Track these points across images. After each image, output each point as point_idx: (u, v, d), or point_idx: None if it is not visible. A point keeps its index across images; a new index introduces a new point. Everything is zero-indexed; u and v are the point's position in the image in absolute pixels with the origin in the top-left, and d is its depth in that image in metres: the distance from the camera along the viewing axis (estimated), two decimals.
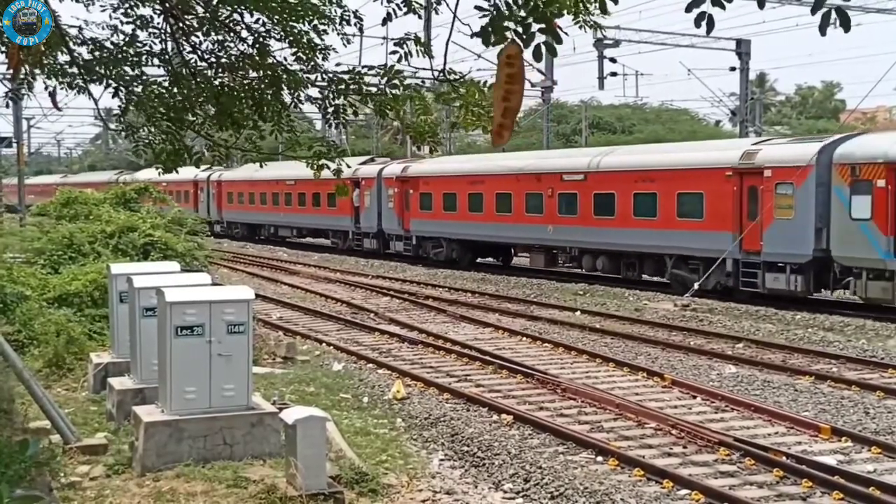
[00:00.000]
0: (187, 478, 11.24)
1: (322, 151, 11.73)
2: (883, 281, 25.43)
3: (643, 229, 31.94)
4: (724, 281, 29.62)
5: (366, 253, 48.23)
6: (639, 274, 33.41)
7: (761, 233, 28.20)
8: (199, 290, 12.93)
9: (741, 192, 28.90)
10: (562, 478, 12.41)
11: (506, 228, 38.20)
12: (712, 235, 29.54)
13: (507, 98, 6.94)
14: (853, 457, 13.66)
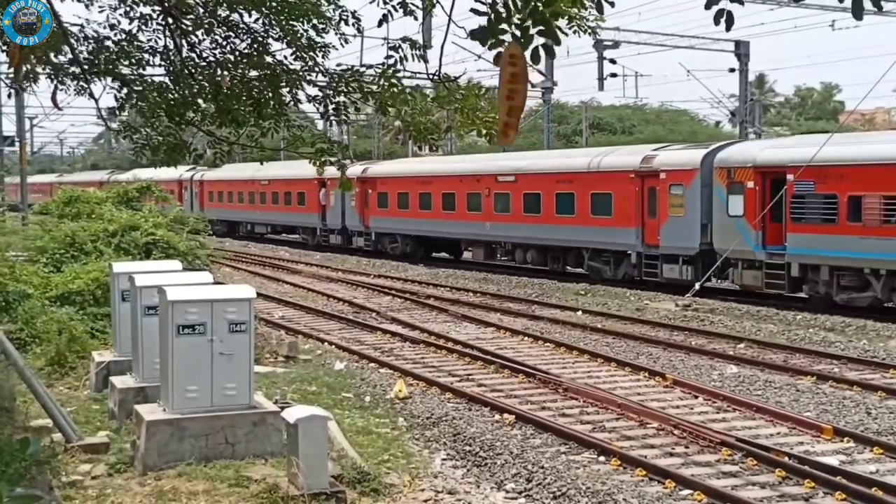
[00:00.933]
0: (189, 477, 11.24)
1: (325, 148, 11.75)
2: (754, 270, 28.84)
3: (564, 226, 35.23)
4: (630, 272, 33.03)
5: (332, 248, 51.34)
6: (563, 266, 36.52)
7: (659, 228, 31.51)
8: (200, 288, 12.93)
9: (642, 193, 32.14)
10: (564, 478, 12.39)
11: (451, 225, 41.54)
12: (620, 231, 32.93)
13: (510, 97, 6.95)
14: (855, 457, 13.65)
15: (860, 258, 25.88)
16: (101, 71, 11.65)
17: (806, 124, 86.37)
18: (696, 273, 30.21)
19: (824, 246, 26.64)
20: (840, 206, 26.34)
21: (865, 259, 25.80)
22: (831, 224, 26.55)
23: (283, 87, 11.22)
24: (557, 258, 36.62)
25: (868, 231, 25.62)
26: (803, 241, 27.19)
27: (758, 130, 55.76)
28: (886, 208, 25.33)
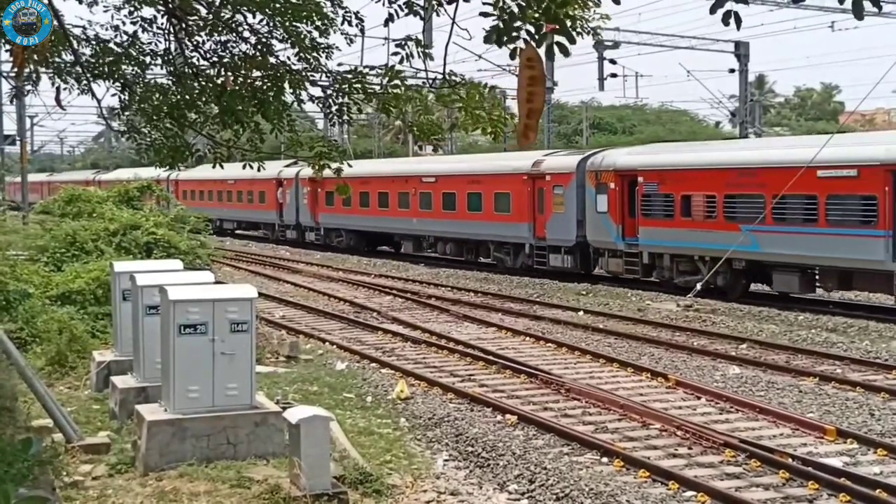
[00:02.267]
0: (190, 477, 11.20)
1: (324, 151, 11.72)
2: (617, 258, 33.54)
3: (474, 221, 39.90)
4: (526, 261, 37.47)
5: (289, 242, 55.44)
6: (476, 257, 40.99)
7: (545, 224, 36.20)
8: (202, 288, 12.89)
9: (534, 193, 36.76)
10: (567, 479, 12.35)
11: (386, 221, 46.11)
12: (516, 226, 37.53)
13: (530, 100, 6.98)
14: (859, 458, 13.61)
15: (691, 247, 30.76)
16: (103, 73, 11.62)
17: (806, 125, 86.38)
18: (575, 262, 35.37)
19: (666, 237, 31.46)
20: (676, 204, 31.03)
21: (695, 248, 30.59)
22: (670, 219, 31.26)
23: (287, 88, 11.18)
24: (471, 250, 41.19)
25: (696, 225, 30.41)
26: (651, 234, 31.88)
27: (758, 131, 55.78)
28: (708, 205, 30.06)
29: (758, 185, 28.48)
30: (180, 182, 65.57)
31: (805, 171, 26.56)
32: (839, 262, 26.59)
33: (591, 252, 34.95)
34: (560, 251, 35.65)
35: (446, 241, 42.02)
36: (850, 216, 26.16)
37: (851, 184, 26.05)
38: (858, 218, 25.92)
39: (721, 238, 29.14)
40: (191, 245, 26.14)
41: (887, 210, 25.02)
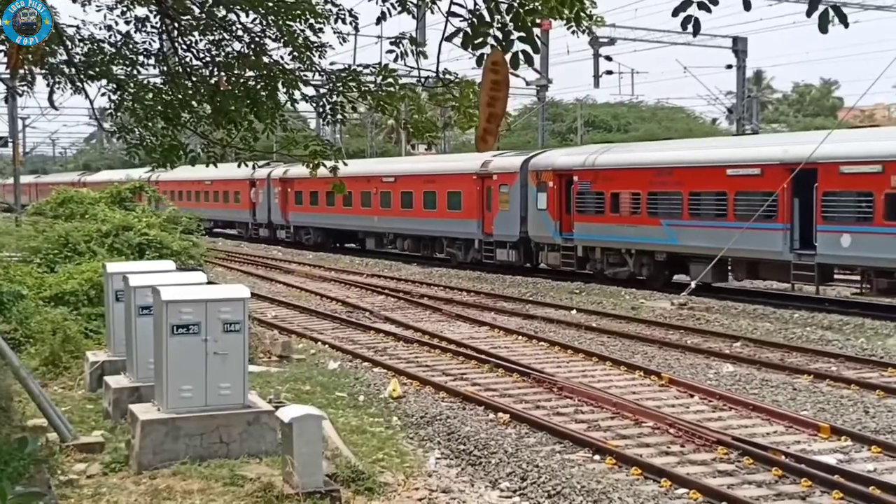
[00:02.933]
0: (184, 476, 11.20)
1: (318, 150, 11.74)
2: (555, 252, 36.01)
3: (430, 218, 42.35)
4: (475, 256, 39.93)
5: (261, 240, 57.97)
6: (432, 252, 43.36)
7: (493, 220, 38.62)
8: (194, 288, 12.90)
9: (482, 191, 39.23)
10: (559, 476, 12.37)
11: (350, 219, 48.54)
12: (467, 223, 40.07)
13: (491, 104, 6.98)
14: (853, 456, 13.63)
15: (619, 241, 33.47)
16: (96, 74, 11.62)
17: (804, 121, 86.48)
18: (519, 256, 37.86)
19: (597, 232, 34.13)
20: (606, 201, 33.59)
21: (622, 241, 33.32)
22: (601, 215, 33.82)
23: (280, 87, 11.19)
24: (427, 246, 43.63)
25: (623, 220, 32.96)
26: (584, 229, 34.50)
27: (755, 127, 55.78)
28: (633, 202, 32.56)
29: (676, 183, 31.08)
30: (160, 182, 66.35)
31: (716, 170, 29.77)
32: (746, 253, 29.09)
33: (532, 246, 37.38)
34: (506, 246, 38.24)
35: (405, 237, 44.84)
36: (754, 211, 28.24)
37: (756, 182, 28.72)
38: (761, 212, 28.07)
39: (645, 232, 32.16)
40: (183, 245, 26.11)
41: (785, 205, 27.65)
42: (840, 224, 26.41)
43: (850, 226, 26.19)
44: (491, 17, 6.98)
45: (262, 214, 57.37)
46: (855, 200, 26.21)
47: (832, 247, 26.54)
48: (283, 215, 54.95)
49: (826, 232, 26.74)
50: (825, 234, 26.78)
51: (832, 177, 26.66)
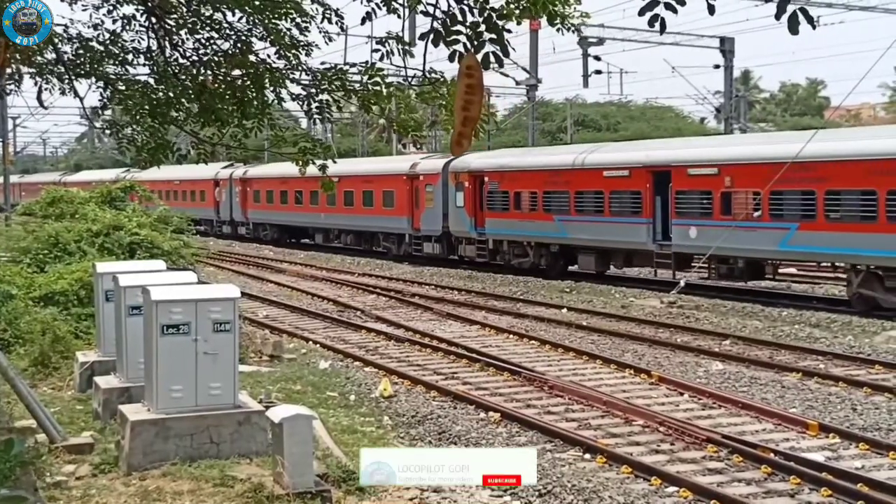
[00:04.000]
0: (174, 477, 11.18)
1: (308, 147, 11.74)
2: (471, 245, 39.85)
3: (368, 215, 46.35)
4: (407, 249, 44.00)
5: (224, 236, 61.25)
6: (371, 247, 47.43)
7: (420, 217, 42.65)
8: (184, 288, 12.86)
9: (411, 190, 43.08)
10: (549, 475, 12.38)
11: (301, 216, 52.60)
12: (398, 219, 44.14)
13: (466, 108, 7.02)
14: (841, 453, 13.68)
15: (521, 235, 37.36)
16: (85, 72, 11.61)
17: (791, 120, 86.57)
18: (442, 249, 41.82)
19: (504, 227, 38.02)
20: (510, 199, 37.63)
21: (524, 235, 37.21)
22: (506, 211, 37.76)
23: (267, 86, 11.19)
24: (367, 240, 47.85)
25: (524, 216, 36.90)
26: (494, 224, 38.36)
27: (743, 127, 55.90)
28: (532, 200, 36.39)
29: (564, 183, 35.19)
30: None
31: (595, 172, 33.80)
32: (621, 245, 33.27)
33: (453, 240, 41.17)
34: (431, 240, 42.38)
35: (347, 232, 49.07)
36: (625, 207, 32.74)
37: (626, 182, 32.79)
38: (630, 209, 32.46)
39: (541, 227, 36.26)
40: (174, 245, 26.07)
41: (648, 202, 31.67)
42: (689, 218, 30.34)
43: (695, 220, 30.17)
44: (463, 18, 7.01)
45: (224, 212, 61.14)
46: (699, 198, 30.19)
47: (683, 238, 30.44)
48: (243, 213, 59.07)
49: (678, 225, 30.68)
50: (678, 227, 30.71)
51: (682, 178, 30.63)
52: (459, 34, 6.96)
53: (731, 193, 28.95)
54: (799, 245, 27.36)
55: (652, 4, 6.37)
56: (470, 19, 7.20)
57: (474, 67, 6.88)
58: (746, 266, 29.69)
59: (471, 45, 6.95)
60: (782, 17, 6.11)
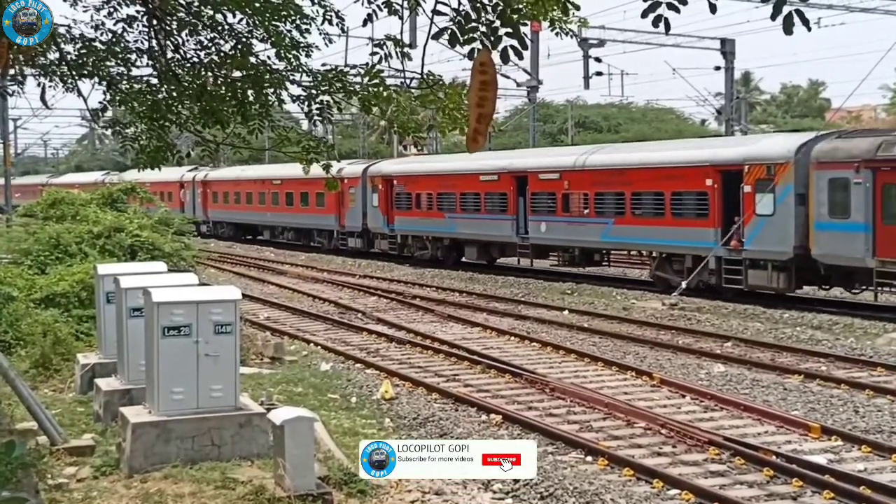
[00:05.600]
0: (175, 479, 11.17)
1: (311, 146, 11.75)
2: (385, 240, 45.67)
3: (305, 214, 51.99)
4: (336, 244, 49.58)
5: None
6: (308, 242, 53.14)
7: (345, 215, 48.15)
8: (186, 290, 12.85)
9: (343, 192, 47.03)
10: (551, 478, 12.37)
11: (253, 215, 58.63)
12: (328, 217, 49.66)
13: (480, 104, 7.01)
14: (843, 455, 13.65)
15: (421, 230, 43.06)
16: (89, 72, 11.59)
17: (792, 122, 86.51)
18: (363, 244, 47.37)
19: (408, 224, 43.71)
20: (413, 200, 43.10)
21: (423, 231, 42.97)
22: (410, 210, 43.43)
23: (267, 87, 11.18)
24: (304, 236, 53.53)
25: (423, 214, 42.51)
26: (401, 222, 44.18)
27: (744, 128, 55.87)
28: (429, 200, 42.11)
29: (452, 185, 40.86)
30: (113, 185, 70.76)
31: (474, 176, 39.50)
32: (494, 238, 39.03)
33: (371, 236, 46.88)
34: (354, 235, 48.01)
35: (289, 230, 55.14)
36: (495, 206, 38.49)
37: (496, 185, 38.60)
38: (499, 207, 38.30)
39: (436, 223, 42.05)
40: (175, 247, 26.06)
41: (512, 202, 37.46)
42: (540, 215, 36.06)
43: (545, 216, 35.89)
44: (477, 16, 7.02)
45: (189, 211, 62.87)
46: (547, 198, 35.85)
47: (537, 232, 36.25)
48: (204, 212, 63.59)
49: (533, 221, 36.45)
50: (533, 222, 36.48)
51: (536, 181, 36.46)
52: (475, 31, 6.94)
53: (569, 195, 34.91)
54: (615, 236, 33.66)
55: (655, 5, 6.40)
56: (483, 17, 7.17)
57: (488, 64, 6.87)
58: (581, 254, 35.69)
59: (488, 41, 6.93)
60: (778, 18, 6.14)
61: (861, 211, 25.53)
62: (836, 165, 26.29)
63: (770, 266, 27.97)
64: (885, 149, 25.35)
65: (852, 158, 25.87)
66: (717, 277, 29.52)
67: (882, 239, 25.33)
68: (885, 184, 25.29)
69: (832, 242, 26.30)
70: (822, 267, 27.03)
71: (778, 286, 28.01)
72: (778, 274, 27.88)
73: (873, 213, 25.43)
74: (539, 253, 37.26)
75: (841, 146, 26.69)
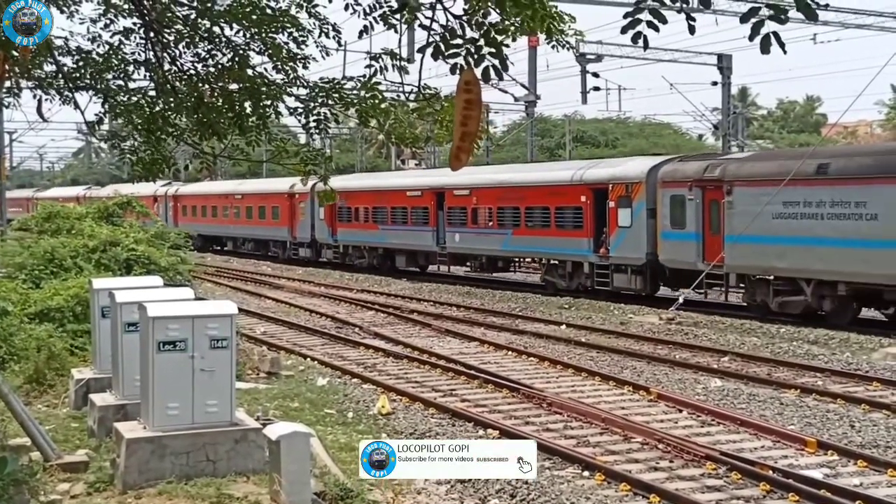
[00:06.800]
0: (170, 495, 11.11)
1: (309, 158, 11.76)
2: (330, 250, 50.24)
3: (263, 226, 57.05)
4: (290, 254, 54.18)
5: None
6: (266, 252, 57.65)
7: (297, 227, 53.04)
8: (181, 304, 12.80)
9: (291, 206, 53.02)
10: (548, 493, 12.33)
11: (218, 227, 63.25)
12: (283, 230, 54.43)
13: (464, 123, 7.02)
14: (839, 470, 13.62)
15: (360, 241, 47.89)
16: (86, 84, 11.59)
17: (789, 137, 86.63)
18: (313, 253, 51.83)
19: (349, 235, 48.54)
20: (353, 213, 47.93)
21: (361, 241, 47.72)
22: (350, 223, 48.18)
23: (265, 99, 11.17)
24: (262, 246, 58.28)
25: (361, 227, 47.38)
26: (344, 233, 48.92)
27: (741, 143, 55.88)
28: (365, 214, 46.97)
29: (385, 200, 45.40)
30: (92, 198, 74.48)
31: (401, 192, 44.45)
32: (418, 247, 43.73)
33: (318, 246, 51.36)
34: (304, 246, 52.52)
35: (249, 240, 60.12)
36: (419, 219, 43.29)
37: (420, 200, 43.21)
38: (422, 220, 42.97)
39: (372, 235, 46.75)
40: (171, 261, 26.02)
41: (433, 215, 42.23)
42: (455, 227, 40.96)
43: (458, 228, 40.72)
44: (462, 32, 7.03)
45: None
46: (459, 212, 40.72)
47: (452, 241, 41.13)
48: (175, 224, 64.65)
49: (449, 232, 41.27)
50: (449, 233, 41.33)
51: (451, 197, 41.15)
52: (459, 47, 6.95)
53: (477, 209, 39.89)
54: (513, 245, 38.41)
55: (634, 23, 6.45)
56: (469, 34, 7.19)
57: (472, 83, 6.88)
58: (487, 261, 40.72)
59: (471, 58, 6.95)
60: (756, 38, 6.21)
61: (693, 223, 30.11)
62: (675, 185, 30.93)
63: (630, 270, 32.66)
64: (709, 170, 29.88)
65: (687, 178, 30.47)
66: (591, 281, 34.28)
67: (709, 246, 29.74)
68: (711, 200, 29.77)
69: (673, 249, 30.94)
70: (668, 270, 31.71)
71: (636, 287, 32.68)
72: (636, 277, 32.60)
73: (703, 225, 30.03)
74: (456, 260, 42.27)
75: (679, 168, 31.47)
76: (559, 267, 36.18)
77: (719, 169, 29.43)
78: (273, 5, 11.26)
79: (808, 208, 26.68)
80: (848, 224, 25.60)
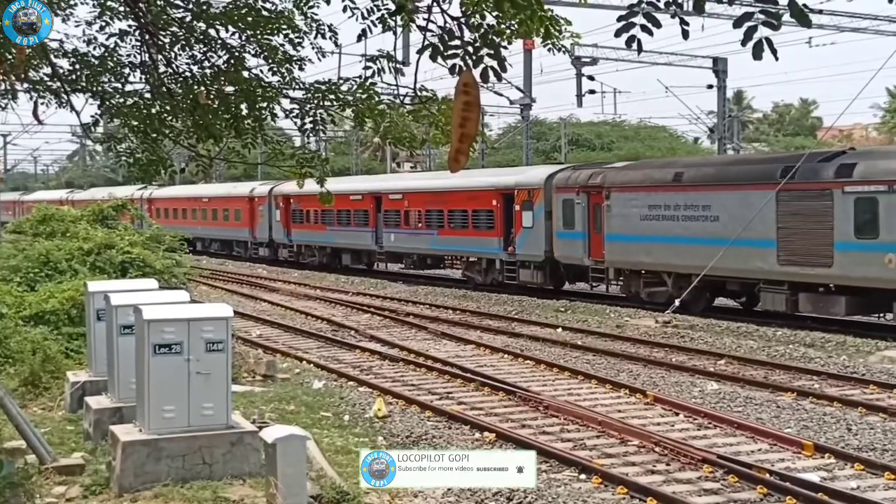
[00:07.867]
0: (166, 498, 11.08)
1: (305, 159, 11.74)
2: (286, 249, 54.31)
3: (227, 228, 60.73)
4: (251, 253, 58.39)
5: None
6: (230, 252, 61.14)
7: (256, 228, 56.70)
8: (177, 307, 12.76)
9: (251, 209, 56.95)
10: (545, 496, 12.31)
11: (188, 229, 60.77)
12: (244, 230, 58.28)
13: (462, 125, 7.01)
14: (836, 473, 13.60)
15: (311, 241, 52.01)
16: (82, 87, 11.57)
17: (784, 140, 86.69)
18: (271, 253, 56.29)
19: (302, 236, 52.37)
20: (304, 216, 51.49)
21: (312, 241, 51.69)
22: (302, 224, 51.80)
23: (260, 101, 11.15)
24: (227, 247, 61.79)
25: (312, 227, 50.93)
26: (297, 234, 52.66)
27: (736, 147, 55.89)
28: (315, 216, 50.11)
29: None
30: (74, 201, 76.80)
31: (346, 196, 45.50)
32: (359, 246, 47.71)
33: (275, 246, 55.28)
34: (263, 245, 56.74)
35: (214, 241, 63.56)
36: (361, 221, 47.06)
37: (361, 203, 46.89)
38: (363, 222, 46.82)
39: (320, 235, 50.52)
40: (166, 264, 25.97)
41: (372, 217, 45.99)
42: (390, 228, 44.73)
43: (393, 229, 44.44)
44: (461, 33, 7.03)
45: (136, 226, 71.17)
46: (394, 214, 44.54)
47: (388, 241, 44.89)
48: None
49: (386, 233, 45.01)
50: (386, 234, 45.12)
51: (387, 201, 45.19)
52: (458, 48, 6.95)
53: (409, 211, 43.61)
54: (439, 245, 42.39)
55: (627, 26, 6.45)
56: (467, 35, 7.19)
57: (471, 85, 6.87)
58: (418, 259, 44.22)
59: (469, 59, 6.94)
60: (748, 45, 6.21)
61: (581, 224, 33.95)
62: (567, 190, 34.84)
63: (532, 266, 36.47)
64: (593, 178, 33.93)
65: (576, 185, 34.51)
66: (501, 276, 38.11)
67: (594, 244, 33.54)
68: (595, 203, 33.56)
69: (566, 247, 34.81)
70: (562, 266, 35.63)
71: (538, 281, 36.47)
72: (538, 272, 36.35)
73: (588, 225, 33.79)
74: (392, 258, 45.90)
75: (571, 176, 35.37)
76: (476, 264, 40.28)
77: (601, 176, 33.50)
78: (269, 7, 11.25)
79: (668, 211, 30.82)
80: (697, 225, 29.75)
